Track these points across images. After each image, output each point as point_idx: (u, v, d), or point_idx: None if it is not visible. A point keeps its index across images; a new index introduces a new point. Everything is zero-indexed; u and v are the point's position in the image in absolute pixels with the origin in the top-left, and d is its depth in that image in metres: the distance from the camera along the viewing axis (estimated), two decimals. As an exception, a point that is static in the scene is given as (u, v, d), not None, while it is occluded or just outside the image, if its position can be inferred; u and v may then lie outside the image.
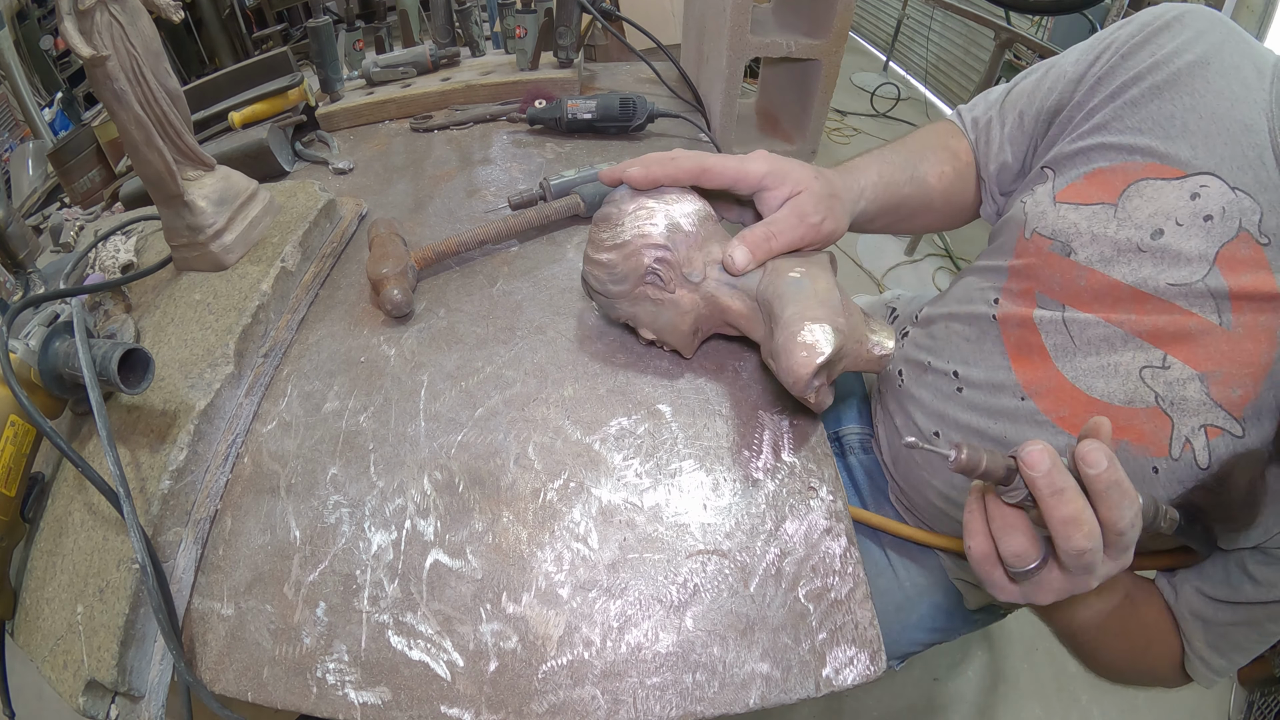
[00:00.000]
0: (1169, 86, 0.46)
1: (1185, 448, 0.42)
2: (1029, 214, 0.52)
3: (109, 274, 0.58)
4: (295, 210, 0.61)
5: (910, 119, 2.91)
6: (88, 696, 0.36)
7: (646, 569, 0.39)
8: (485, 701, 0.35)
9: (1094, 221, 0.47)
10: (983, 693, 1.19)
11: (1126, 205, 0.46)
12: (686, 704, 0.34)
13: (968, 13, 2.48)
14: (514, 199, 0.65)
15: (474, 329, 0.53)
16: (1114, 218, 0.46)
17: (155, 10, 0.49)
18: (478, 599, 0.38)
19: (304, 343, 0.54)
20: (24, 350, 0.40)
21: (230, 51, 1.19)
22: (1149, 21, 0.49)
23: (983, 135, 0.61)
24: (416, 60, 0.91)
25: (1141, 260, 0.45)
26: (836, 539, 0.39)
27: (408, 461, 0.44)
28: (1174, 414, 0.43)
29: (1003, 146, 0.58)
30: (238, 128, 0.79)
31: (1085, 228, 0.48)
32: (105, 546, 0.39)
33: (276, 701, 0.35)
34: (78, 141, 0.79)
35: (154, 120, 0.49)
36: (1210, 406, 0.42)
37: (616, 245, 0.43)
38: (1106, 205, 0.47)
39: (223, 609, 0.39)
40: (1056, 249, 0.49)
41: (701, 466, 0.43)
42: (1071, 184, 0.49)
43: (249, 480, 0.45)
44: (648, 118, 0.78)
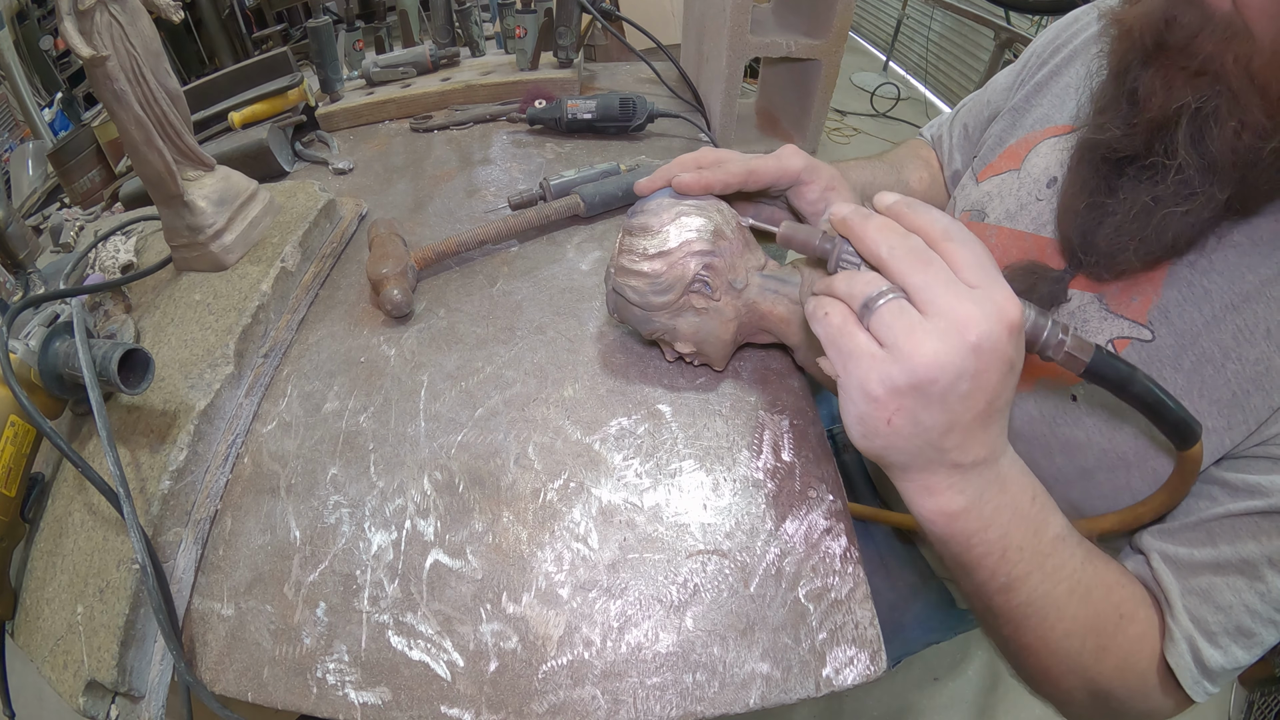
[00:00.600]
0: (1066, 64, 0.53)
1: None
2: (957, 197, 0.58)
3: (109, 274, 0.58)
4: (295, 210, 0.61)
5: (910, 119, 2.91)
6: (88, 697, 0.36)
7: (646, 569, 0.39)
8: (485, 701, 0.35)
9: (1003, 187, 0.53)
10: (983, 693, 1.19)
11: (1027, 166, 0.51)
12: (687, 704, 0.34)
13: (968, 13, 2.48)
14: (514, 199, 0.65)
15: (474, 329, 0.53)
16: (1017, 179, 0.52)
17: (155, 10, 0.49)
18: (478, 599, 0.38)
19: (304, 343, 0.54)
20: (24, 350, 0.40)
21: (230, 51, 1.19)
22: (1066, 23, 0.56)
23: (940, 148, 0.69)
24: (416, 60, 0.91)
25: (1040, 208, 0.49)
26: (836, 539, 0.39)
27: (408, 461, 0.44)
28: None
29: (953, 155, 0.66)
30: (238, 128, 0.79)
31: (996, 193, 0.53)
32: (105, 547, 0.39)
33: (276, 702, 0.35)
34: (78, 141, 0.79)
35: (154, 120, 0.49)
36: (1112, 319, 0.42)
37: (661, 254, 0.41)
38: (1012, 172, 0.52)
39: (223, 609, 0.39)
40: (975, 217, 0.54)
41: (701, 466, 0.43)
42: (989, 164, 0.55)
43: (249, 480, 0.45)
44: (648, 118, 0.78)
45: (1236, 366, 0.37)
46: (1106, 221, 0.40)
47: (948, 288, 0.29)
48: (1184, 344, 0.39)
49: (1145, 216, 0.38)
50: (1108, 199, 0.41)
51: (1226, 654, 0.37)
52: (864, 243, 0.31)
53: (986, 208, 0.53)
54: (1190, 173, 0.36)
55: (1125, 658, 0.38)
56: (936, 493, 0.32)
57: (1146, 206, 0.38)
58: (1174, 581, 0.38)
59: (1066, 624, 0.36)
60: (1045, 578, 0.35)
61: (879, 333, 0.29)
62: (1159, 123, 0.36)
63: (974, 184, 0.56)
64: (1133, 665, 0.38)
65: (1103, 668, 0.38)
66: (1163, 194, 0.37)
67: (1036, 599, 0.35)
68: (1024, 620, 0.37)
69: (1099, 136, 0.40)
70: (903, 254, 0.30)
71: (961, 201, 0.57)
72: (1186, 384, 0.39)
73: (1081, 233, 0.42)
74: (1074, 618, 0.36)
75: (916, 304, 0.29)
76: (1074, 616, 0.36)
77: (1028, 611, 0.36)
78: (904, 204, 0.32)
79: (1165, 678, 0.38)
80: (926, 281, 0.29)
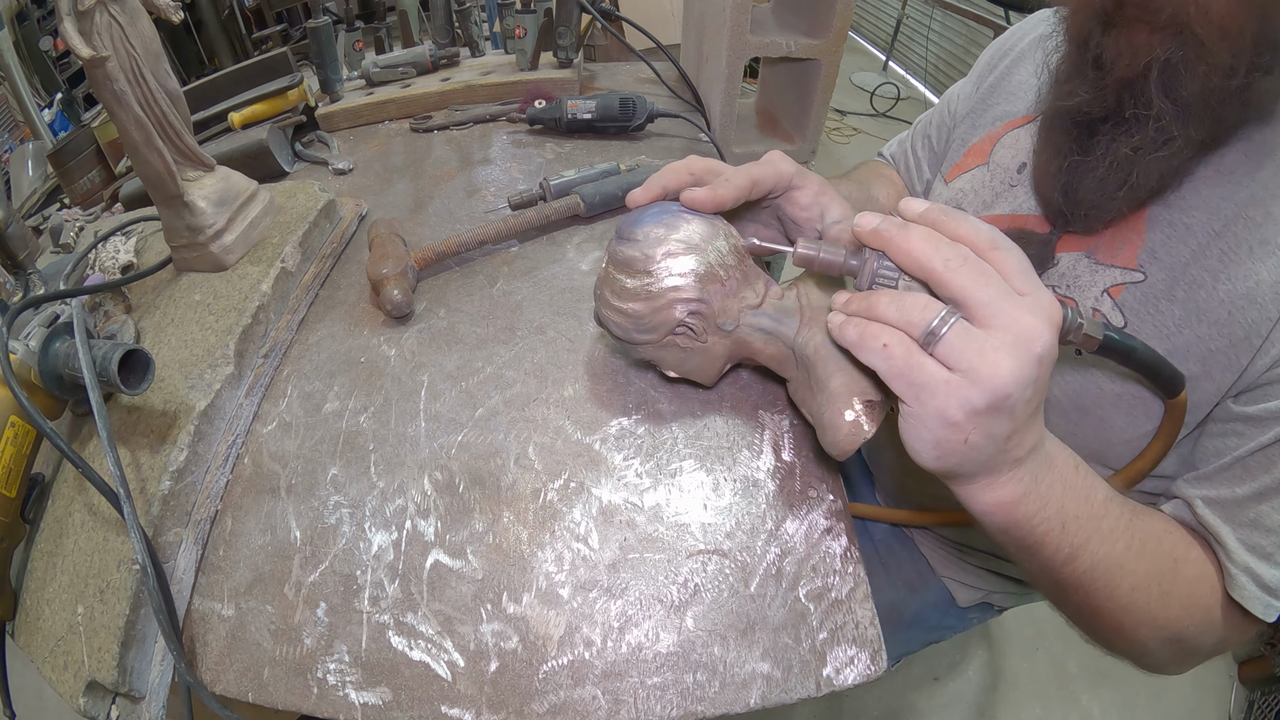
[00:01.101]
0: (1016, 64, 0.55)
1: (1095, 316, 0.44)
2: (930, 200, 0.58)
3: (109, 275, 0.58)
4: (295, 210, 0.61)
5: (910, 119, 2.90)
6: (88, 697, 0.36)
7: (647, 569, 0.39)
8: (486, 702, 0.35)
9: (974, 181, 0.54)
10: (983, 693, 1.19)
11: (995, 158, 0.53)
12: (687, 704, 0.34)
13: (968, 12, 2.48)
14: (514, 199, 0.65)
15: (474, 329, 0.53)
16: (987, 171, 0.54)
17: (155, 11, 0.49)
18: (478, 599, 0.38)
19: (304, 343, 0.54)
20: (24, 351, 0.40)
21: (230, 52, 1.19)
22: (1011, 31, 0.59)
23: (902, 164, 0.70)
24: (416, 60, 0.91)
25: (1014, 194, 0.50)
26: (837, 539, 0.39)
27: (408, 462, 0.44)
28: (1073, 292, 0.45)
29: (921, 168, 0.67)
30: (237, 128, 0.79)
31: (969, 189, 0.55)
32: (105, 547, 0.39)
33: (277, 702, 0.35)
34: (78, 142, 0.79)
35: (154, 121, 0.49)
36: (1104, 270, 0.44)
37: (644, 297, 0.39)
38: (981, 166, 0.54)
39: (223, 609, 0.39)
40: None
41: (701, 466, 0.43)
42: (955, 164, 0.57)
43: (249, 481, 0.45)
44: (647, 118, 0.78)
45: (1227, 286, 0.39)
46: (1089, 176, 0.42)
47: (1008, 300, 0.28)
48: (1174, 276, 0.41)
49: (1128, 165, 0.40)
50: (1085, 157, 0.42)
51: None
52: (910, 255, 0.30)
53: (962, 203, 0.55)
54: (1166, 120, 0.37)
55: (1188, 598, 0.40)
56: (996, 487, 0.33)
57: (1127, 157, 0.39)
58: (1222, 523, 0.39)
59: (1131, 578, 0.38)
60: (1103, 540, 0.36)
61: (948, 358, 0.29)
62: (1127, 80, 0.38)
63: (944, 185, 0.58)
64: (1197, 603, 0.40)
65: (1170, 612, 0.39)
66: (1142, 143, 0.38)
67: (1100, 561, 0.36)
68: (1092, 584, 0.38)
69: (1067, 103, 0.42)
70: (959, 267, 0.29)
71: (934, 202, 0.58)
72: (1183, 313, 0.41)
73: (1064, 191, 0.44)
74: (1135, 571, 0.37)
75: (978, 319, 0.28)
76: (1135, 570, 0.37)
77: (1094, 575, 0.37)
78: (940, 211, 0.31)
79: (1229, 609, 0.40)
80: (990, 297, 0.28)
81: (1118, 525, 0.37)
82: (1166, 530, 0.41)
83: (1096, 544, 0.36)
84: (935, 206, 0.31)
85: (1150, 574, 0.38)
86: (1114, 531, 0.37)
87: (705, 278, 0.39)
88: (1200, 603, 0.40)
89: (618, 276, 0.40)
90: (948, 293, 0.29)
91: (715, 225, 0.40)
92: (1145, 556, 0.38)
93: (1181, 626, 0.40)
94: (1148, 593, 0.38)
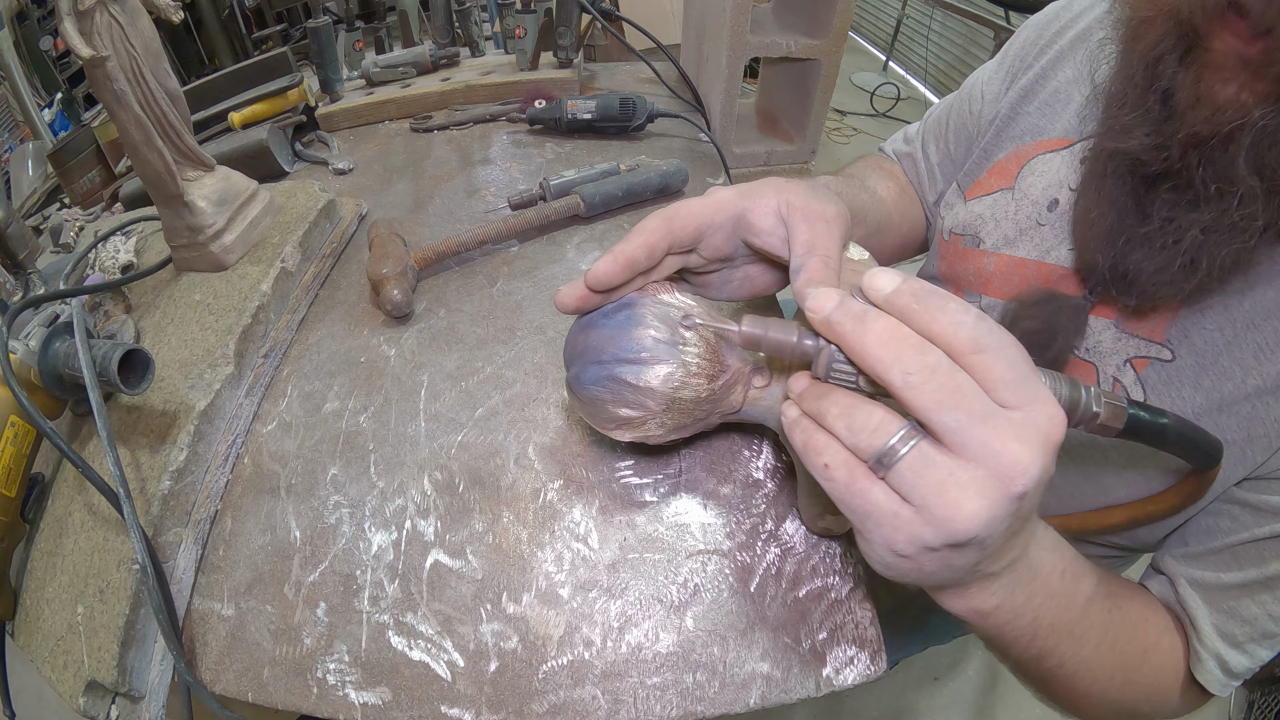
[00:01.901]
0: (1053, 66, 0.47)
1: (1115, 386, 0.41)
2: (945, 217, 0.54)
3: (109, 274, 0.58)
4: (295, 210, 0.61)
5: (910, 119, 2.91)
6: (88, 697, 0.36)
7: (647, 569, 0.39)
8: (486, 702, 0.35)
9: (996, 208, 0.48)
10: (983, 692, 1.19)
11: (1022, 185, 0.47)
12: (687, 704, 0.34)
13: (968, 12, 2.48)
14: (514, 199, 0.65)
15: (474, 329, 0.53)
16: (1012, 199, 0.47)
17: (155, 11, 0.49)
18: (478, 599, 0.38)
19: (304, 343, 0.54)
20: (24, 351, 0.40)
21: (230, 52, 1.19)
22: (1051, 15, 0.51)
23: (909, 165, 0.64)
24: (416, 60, 0.91)
25: (1042, 234, 0.45)
26: (837, 539, 0.39)
27: (408, 461, 0.44)
28: (1094, 359, 0.42)
29: (934, 175, 0.61)
30: (238, 128, 0.79)
31: (989, 215, 0.49)
32: (105, 547, 0.39)
33: (277, 702, 0.35)
34: (78, 142, 0.79)
35: (154, 120, 0.49)
36: (1128, 339, 0.40)
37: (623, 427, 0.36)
38: (1005, 190, 0.48)
39: (223, 609, 0.39)
40: (969, 243, 0.50)
41: (701, 466, 0.43)
42: (976, 181, 0.51)
43: (249, 480, 0.45)
44: (648, 118, 0.78)
45: (1257, 381, 0.36)
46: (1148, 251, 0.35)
47: (986, 425, 0.22)
48: (1204, 364, 0.37)
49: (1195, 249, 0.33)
50: (1140, 225, 0.36)
51: (1251, 656, 0.38)
52: (865, 359, 0.24)
53: (980, 232, 0.49)
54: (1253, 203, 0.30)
55: (1150, 685, 0.39)
56: (968, 597, 0.29)
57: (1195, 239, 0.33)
58: (1202, 604, 0.39)
59: (1095, 673, 0.36)
60: (1074, 642, 0.34)
61: (901, 489, 0.24)
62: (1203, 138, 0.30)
63: (962, 203, 0.52)
64: (1158, 688, 0.39)
65: (1129, 696, 0.39)
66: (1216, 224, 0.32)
67: (1066, 661, 0.35)
68: (1053, 679, 0.37)
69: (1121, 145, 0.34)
70: (922, 383, 0.23)
71: (949, 221, 0.53)
72: (1205, 402, 0.38)
73: (1113, 260, 0.37)
74: (1101, 666, 0.36)
75: (947, 446, 0.23)
76: (1101, 665, 0.36)
77: (1059, 674, 0.36)
78: (911, 295, 0.24)
79: (1188, 687, 0.39)
80: (960, 422, 0.22)
81: (1092, 625, 0.34)
82: (1144, 619, 0.39)
83: (1067, 647, 0.34)
84: (907, 286, 0.24)
85: (1116, 667, 0.37)
86: (1087, 632, 0.34)
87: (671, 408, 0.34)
88: (1161, 686, 0.40)
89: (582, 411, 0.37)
90: (910, 411, 0.23)
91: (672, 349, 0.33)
92: (1115, 652, 0.36)
93: (1136, 705, 0.40)
94: (1109, 682, 0.37)
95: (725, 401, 0.35)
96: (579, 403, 0.36)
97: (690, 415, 0.35)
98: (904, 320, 0.24)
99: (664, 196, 0.67)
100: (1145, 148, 0.33)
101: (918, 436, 0.24)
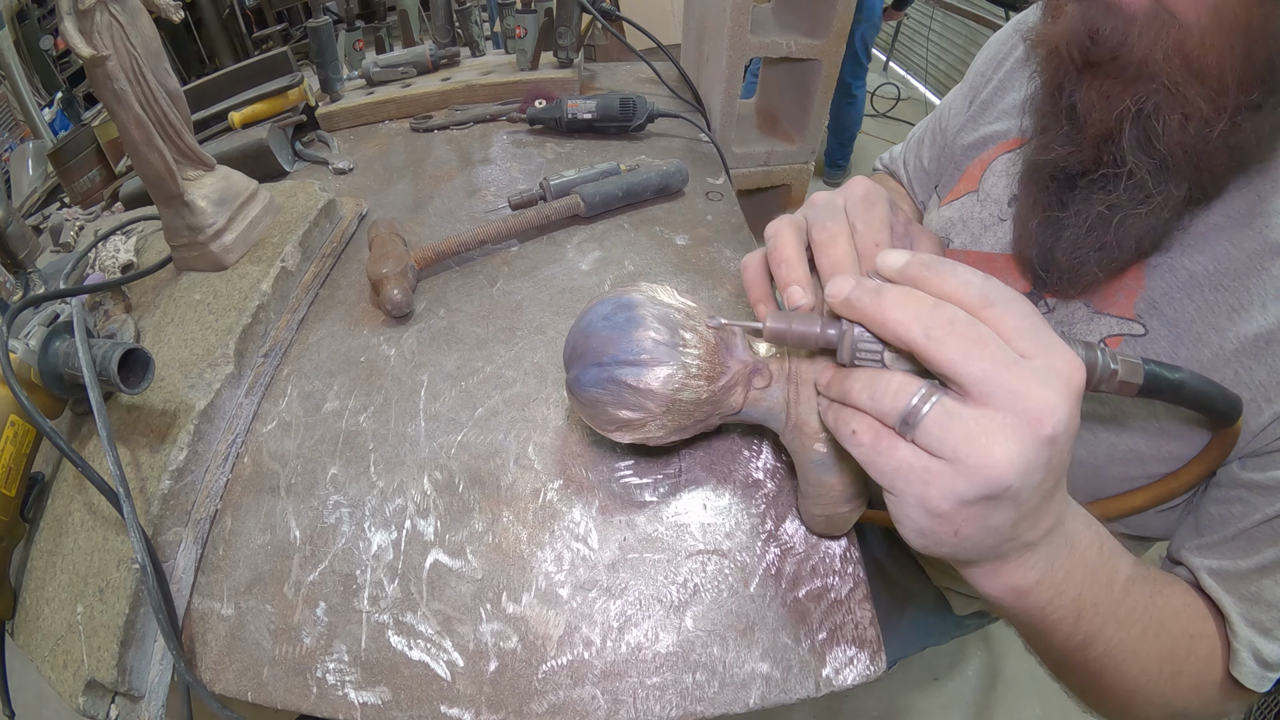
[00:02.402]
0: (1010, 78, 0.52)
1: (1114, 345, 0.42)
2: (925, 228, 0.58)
3: (109, 274, 0.58)
4: (295, 210, 0.61)
5: (910, 119, 2.91)
6: (88, 696, 0.36)
7: (646, 569, 0.39)
8: (485, 701, 0.35)
9: (964, 210, 0.52)
10: (982, 692, 1.19)
11: (985, 186, 0.50)
12: (686, 704, 0.34)
13: (968, 13, 2.48)
14: (514, 199, 0.65)
15: (474, 329, 0.53)
16: (977, 200, 0.51)
17: (155, 10, 0.49)
18: (478, 599, 0.38)
19: (304, 343, 0.54)
20: (24, 350, 0.40)
21: (230, 51, 1.19)
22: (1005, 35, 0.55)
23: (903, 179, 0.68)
24: (416, 60, 0.91)
25: (1004, 229, 0.48)
26: (836, 539, 0.39)
27: (408, 461, 0.44)
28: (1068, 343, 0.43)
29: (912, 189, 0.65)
30: (238, 128, 0.79)
31: (958, 218, 0.52)
32: (105, 546, 0.39)
33: (276, 701, 0.35)
34: (78, 141, 0.79)
35: (154, 120, 0.49)
36: (1100, 318, 0.41)
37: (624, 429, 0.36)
38: (971, 194, 0.51)
39: (223, 609, 0.39)
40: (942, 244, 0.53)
41: (701, 466, 0.43)
42: (950, 189, 0.55)
43: (249, 480, 0.45)
44: (648, 118, 0.78)
45: (1234, 345, 0.37)
46: (1063, 236, 0.39)
47: (1009, 371, 0.23)
48: (1178, 333, 0.38)
49: (1103, 225, 0.37)
50: (1061, 213, 0.39)
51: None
52: (886, 326, 0.25)
53: (950, 233, 0.52)
54: (1143, 175, 0.34)
55: (1198, 676, 0.38)
56: (1005, 574, 0.29)
57: (1102, 215, 0.37)
58: (1225, 595, 0.38)
59: (1142, 662, 0.35)
60: (1120, 625, 0.33)
61: (929, 446, 0.24)
62: (1103, 134, 0.35)
63: (937, 211, 0.55)
64: (1206, 680, 0.38)
65: (1179, 690, 0.37)
66: (1118, 200, 0.36)
67: (1113, 648, 0.34)
68: (1102, 670, 0.35)
69: (1045, 157, 0.39)
70: (945, 336, 0.24)
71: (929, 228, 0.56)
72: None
73: (1039, 251, 0.41)
74: (1149, 655, 0.35)
75: (973, 397, 0.24)
76: (1149, 654, 0.35)
77: (1105, 663, 0.34)
78: (920, 264, 0.26)
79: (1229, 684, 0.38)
80: (985, 370, 0.23)
81: (1136, 608, 0.34)
82: (1185, 605, 0.38)
83: (1112, 630, 0.33)
84: (916, 259, 0.26)
85: (1164, 656, 0.36)
86: (1132, 615, 0.34)
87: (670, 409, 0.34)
88: (1209, 679, 0.38)
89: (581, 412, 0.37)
90: (935, 368, 0.25)
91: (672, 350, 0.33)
92: (1161, 639, 0.35)
93: (1187, 702, 0.38)
94: (1159, 674, 0.36)
95: (725, 403, 0.35)
96: (579, 405, 0.37)
97: (690, 417, 0.35)
98: (916, 285, 0.26)
99: (664, 196, 0.67)
100: (1063, 155, 0.37)
101: (939, 393, 0.25)
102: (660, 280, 0.43)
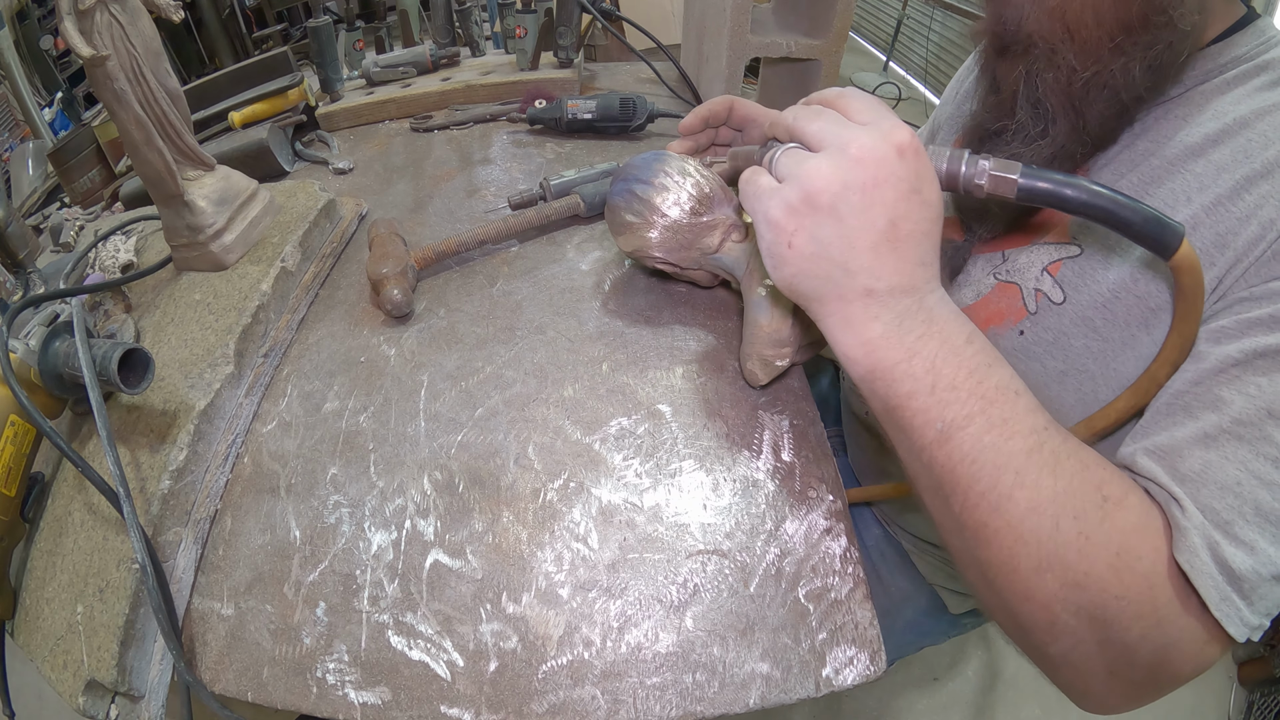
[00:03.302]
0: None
1: (1038, 297, 0.44)
2: None
3: (109, 274, 0.58)
4: (295, 210, 0.61)
5: (910, 119, 2.90)
6: (87, 696, 0.36)
7: (646, 569, 0.39)
8: (485, 701, 0.35)
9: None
10: (982, 692, 1.19)
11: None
12: (686, 704, 0.34)
13: (968, 13, 2.48)
14: (514, 199, 0.65)
15: (474, 329, 0.53)
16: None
17: (155, 10, 0.49)
18: (478, 599, 0.38)
19: (304, 343, 0.54)
20: (24, 350, 0.40)
21: (230, 51, 1.19)
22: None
23: None
24: (416, 60, 0.91)
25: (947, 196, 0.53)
26: (836, 539, 0.39)
27: (408, 461, 0.44)
28: (1015, 278, 0.46)
29: None
30: (238, 128, 0.79)
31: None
32: (105, 546, 0.39)
33: (276, 701, 0.35)
34: (78, 141, 0.79)
35: (154, 120, 0.49)
36: (1040, 248, 0.45)
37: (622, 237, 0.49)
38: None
39: (223, 609, 0.39)
40: None
41: (701, 466, 0.43)
42: None
43: (249, 480, 0.45)
44: (648, 118, 0.78)
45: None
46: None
47: (838, 126, 0.32)
48: (1109, 245, 0.41)
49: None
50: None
51: (1254, 551, 0.28)
52: (780, 124, 0.35)
53: None
54: (1024, 119, 0.41)
55: (1119, 552, 0.29)
56: (854, 323, 0.32)
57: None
58: (1162, 472, 0.31)
59: (1029, 492, 0.29)
60: (991, 427, 0.29)
61: (779, 173, 0.33)
62: (1009, 97, 0.42)
63: None
64: (1131, 564, 0.29)
65: (1089, 565, 0.29)
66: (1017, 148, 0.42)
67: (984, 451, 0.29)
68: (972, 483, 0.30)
69: (973, 122, 0.47)
70: (801, 114, 0.34)
71: None
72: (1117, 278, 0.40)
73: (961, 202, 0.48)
74: (1036, 485, 0.29)
75: (811, 147, 0.32)
76: (1036, 484, 0.29)
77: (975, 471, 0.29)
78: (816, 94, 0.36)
79: (1184, 592, 0.29)
80: (820, 127, 0.32)
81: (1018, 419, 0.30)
82: (1098, 463, 0.31)
83: (981, 426, 0.29)
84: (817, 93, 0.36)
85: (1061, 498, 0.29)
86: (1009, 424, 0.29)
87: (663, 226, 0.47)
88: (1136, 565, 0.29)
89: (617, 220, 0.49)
90: (795, 137, 0.34)
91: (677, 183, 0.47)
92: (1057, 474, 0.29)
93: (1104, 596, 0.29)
94: (1055, 523, 0.29)
95: (705, 239, 0.47)
96: (607, 210, 0.50)
97: (677, 239, 0.47)
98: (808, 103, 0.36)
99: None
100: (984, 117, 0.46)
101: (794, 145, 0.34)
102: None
